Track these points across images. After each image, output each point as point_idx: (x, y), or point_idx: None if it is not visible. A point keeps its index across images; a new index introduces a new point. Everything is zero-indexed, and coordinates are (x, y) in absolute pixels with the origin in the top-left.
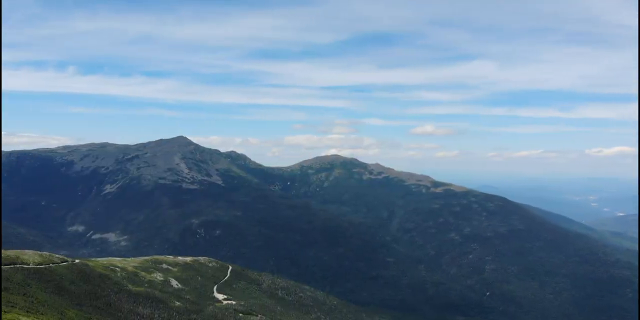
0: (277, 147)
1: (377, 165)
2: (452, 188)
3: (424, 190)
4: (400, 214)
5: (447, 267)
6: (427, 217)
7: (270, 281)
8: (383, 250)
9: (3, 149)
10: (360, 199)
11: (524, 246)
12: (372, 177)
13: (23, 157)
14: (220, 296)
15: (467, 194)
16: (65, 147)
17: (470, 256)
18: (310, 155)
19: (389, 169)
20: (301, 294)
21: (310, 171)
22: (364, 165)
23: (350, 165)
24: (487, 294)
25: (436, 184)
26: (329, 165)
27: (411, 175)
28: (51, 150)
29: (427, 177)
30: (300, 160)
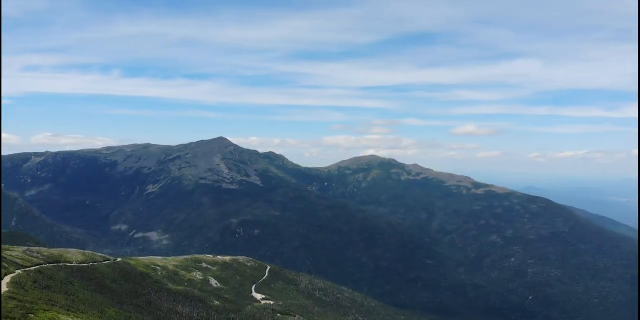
0: (316, 148)
1: (416, 166)
2: (493, 189)
3: (464, 192)
4: (440, 216)
5: (488, 270)
6: (468, 219)
7: (308, 281)
8: (422, 252)
9: (50, 150)
10: (399, 200)
11: (568, 249)
12: (411, 177)
13: (69, 158)
14: (258, 296)
15: (509, 195)
16: (109, 148)
17: (513, 259)
18: (348, 155)
19: (428, 169)
20: (339, 295)
21: (347, 172)
22: (402, 166)
23: (388, 166)
24: (530, 298)
25: (477, 185)
26: (366, 165)
27: (451, 176)
28: (96, 151)
29: (468, 178)
30: (338, 160)
